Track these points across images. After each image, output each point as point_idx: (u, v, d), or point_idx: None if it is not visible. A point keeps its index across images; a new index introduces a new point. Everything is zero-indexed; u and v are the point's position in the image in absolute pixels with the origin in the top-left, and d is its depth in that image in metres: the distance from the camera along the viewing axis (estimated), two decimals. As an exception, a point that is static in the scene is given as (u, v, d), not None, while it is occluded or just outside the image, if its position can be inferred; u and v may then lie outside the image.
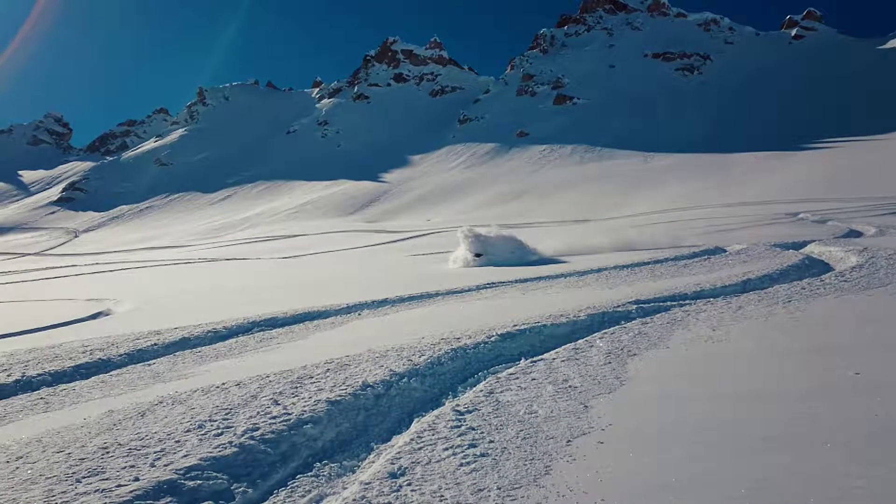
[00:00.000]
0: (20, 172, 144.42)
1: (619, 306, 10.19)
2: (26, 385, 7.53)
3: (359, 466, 4.98)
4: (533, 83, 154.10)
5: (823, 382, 5.74)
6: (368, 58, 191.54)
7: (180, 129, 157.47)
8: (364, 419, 5.99)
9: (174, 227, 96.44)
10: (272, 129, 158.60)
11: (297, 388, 6.57)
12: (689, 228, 30.90)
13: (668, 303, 10.51)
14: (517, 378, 6.62)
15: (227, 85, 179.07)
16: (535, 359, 7.40)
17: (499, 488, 4.08)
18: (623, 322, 9.23)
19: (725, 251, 19.10)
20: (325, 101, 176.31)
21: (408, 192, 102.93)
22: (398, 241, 43.93)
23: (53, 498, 4.24)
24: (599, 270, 15.89)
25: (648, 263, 16.89)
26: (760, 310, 9.43)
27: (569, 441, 4.80)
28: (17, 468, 4.82)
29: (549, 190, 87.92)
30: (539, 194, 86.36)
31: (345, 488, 4.53)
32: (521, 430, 5.08)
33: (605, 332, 8.53)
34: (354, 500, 4.11)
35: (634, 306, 10.17)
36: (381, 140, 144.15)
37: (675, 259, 17.57)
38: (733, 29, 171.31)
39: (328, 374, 7.16)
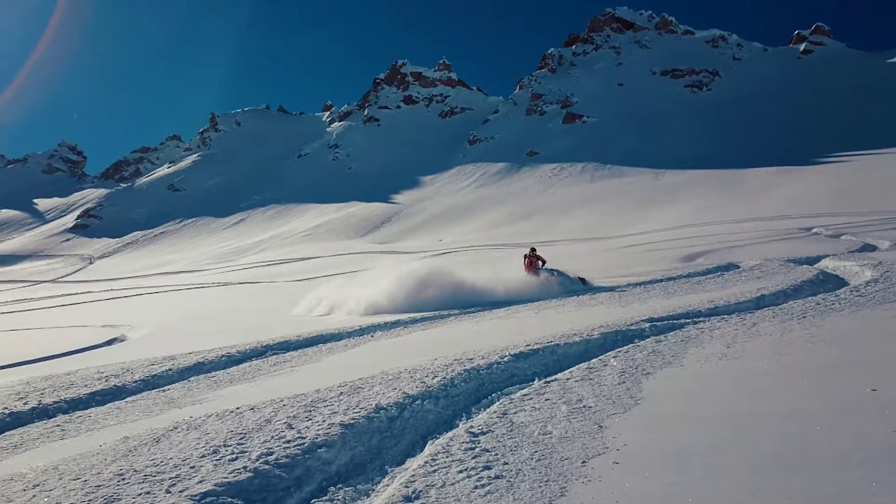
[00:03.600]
0: (35, 201, 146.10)
1: (632, 324, 10.15)
2: (42, 412, 7.57)
3: (373, 490, 4.97)
4: (542, 102, 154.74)
5: (840, 399, 5.68)
6: (378, 81, 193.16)
7: (193, 155, 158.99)
8: (378, 442, 5.98)
9: (188, 252, 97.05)
10: (284, 152, 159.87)
11: (310, 411, 6.57)
12: (703, 245, 30.76)
13: (682, 320, 10.46)
14: (531, 398, 6.60)
15: (239, 110, 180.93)
16: (548, 379, 7.37)
17: (514, 511, 4.06)
18: (637, 340, 9.18)
19: (739, 267, 18.99)
20: (336, 124, 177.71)
21: (419, 213, 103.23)
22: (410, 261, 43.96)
23: (70, 525, 4.25)
24: (612, 289, 15.84)
25: (661, 281, 16.82)
26: (775, 326, 9.35)
27: (584, 462, 4.77)
28: (34, 496, 4.84)
29: (560, 208, 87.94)
30: (550, 213, 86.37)
31: (359, 513, 4.53)
32: (536, 452, 5.05)
33: (619, 351, 8.49)
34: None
35: (648, 324, 10.12)
36: (391, 162, 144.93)
37: (688, 276, 17.49)
38: (741, 45, 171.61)
39: (342, 397, 7.16)
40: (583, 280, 17.33)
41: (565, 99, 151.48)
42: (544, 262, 18.87)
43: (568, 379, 7.26)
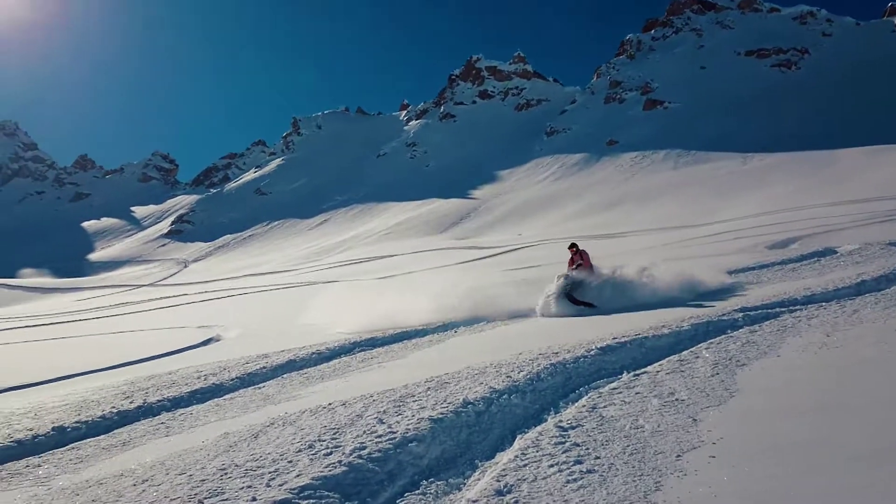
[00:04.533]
0: (133, 208, 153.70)
1: (724, 315, 9.84)
2: (148, 411, 7.95)
3: (465, 484, 5.01)
4: (621, 90, 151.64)
5: (955, 389, 5.36)
6: (453, 77, 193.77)
7: (277, 159, 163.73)
8: (467, 437, 6.02)
9: (276, 253, 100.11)
10: (363, 153, 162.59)
11: (400, 406, 6.67)
12: (796, 230, 29.48)
13: (777, 309, 10.06)
14: (620, 392, 6.50)
15: (320, 113, 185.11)
16: (637, 372, 7.25)
17: (608, 505, 4.02)
18: (729, 331, 8.90)
19: (836, 252, 18.11)
20: (413, 122, 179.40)
21: (497, 208, 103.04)
22: (490, 256, 44.02)
23: (179, 517, 4.47)
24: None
25: (754, 269, 16.23)
26: (878, 313, 8.89)
27: (678, 456, 4.67)
28: (144, 491, 5.10)
29: (641, 198, 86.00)
30: (631, 203, 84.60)
31: (452, 506, 4.57)
32: (628, 446, 4.98)
33: (711, 342, 8.26)
34: (464, 518, 4.15)
35: (741, 314, 9.79)
36: (468, 157, 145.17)
37: (781, 263, 16.81)
38: (831, 20, 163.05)
39: (429, 392, 7.24)
40: (589, 304, 13.40)
41: (645, 85, 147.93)
42: (578, 265, 14.45)
43: (658, 372, 7.11)
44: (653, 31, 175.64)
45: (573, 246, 15.20)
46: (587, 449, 5.01)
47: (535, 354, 8.40)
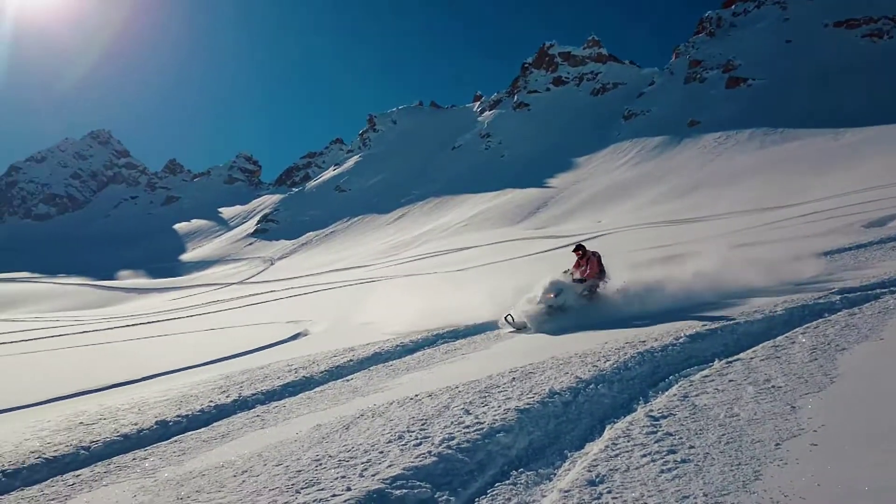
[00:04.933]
0: (220, 210, 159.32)
1: (820, 298, 9.43)
2: (243, 404, 8.23)
3: (555, 474, 4.98)
4: (701, 69, 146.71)
5: None
6: (526, 65, 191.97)
7: (355, 156, 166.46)
8: (555, 427, 5.98)
9: (357, 249, 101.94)
10: (438, 146, 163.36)
11: (485, 397, 6.70)
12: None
13: (878, 290, 9.57)
14: (713, 380, 6.33)
15: (394, 109, 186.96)
16: (730, 359, 7.03)
17: (705, 495, 3.92)
18: (826, 314, 8.52)
19: (942, 229, 17.05)
20: (487, 113, 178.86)
21: (575, 196, 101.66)
22: (568, 245, 43.48)
23: (278, 506, 4.62)
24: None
25: (850, 249, 15.47)
26: None
27: (777, 444, 4.51)
28: (244, 481, 5.30)
29: (726, 179, 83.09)
30: (715, 185, 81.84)
31: (544, 496, 4.56)
32: (724, 435, 4.84)
33: (808, 327, 7.93)
34: (555, 508, 4.13)
35: (838, 297, 9.36)
36: (544, 145, 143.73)
37: (880, 242, 15.95)
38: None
39: (514, 382, 7.24)
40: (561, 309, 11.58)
41: (727, 63, 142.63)
42: (587, 275, 12.44)
43: (752, 358, 6.88)
44: (733, 6, 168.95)
45: (579, 248, 12.99)
46: (680, 438, 4.90)
47: (621, 343, 8.28)
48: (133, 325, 24.80)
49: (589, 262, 12.57)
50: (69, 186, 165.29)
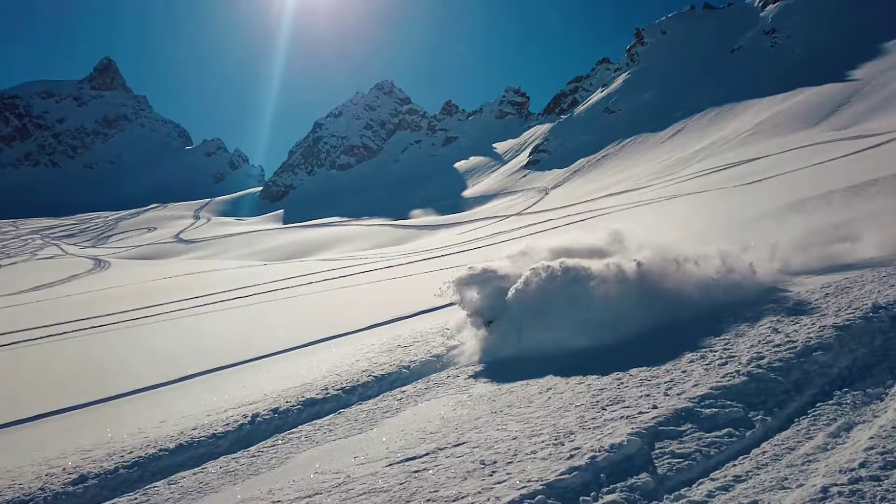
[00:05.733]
0: (494, 145, 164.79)
1: None
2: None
3: (886, 394, 4.54)
4: None
5: None
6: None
7: (623, 74, 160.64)
8: (882, 344, 5.41)
9: (630, 171, 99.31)
10: (715, 51, 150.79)
11: (796, 314, 6.26)
12: None
13: None
14: None
15: (663, 18, 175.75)
16: None
17: None
18: None
19: None
20: (770, 7, 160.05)
21: (885, 87, 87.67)
22: (881, 145, 37.84)
23: (586, 423, 4.82)
24: None
25: None
26: None
27: None
28: (549, 398, 5.59)
29: None
30: None
31: (876, 416, 4.18)
32: None
33: None
34: (894, 426, 3.79)
35: None
36: (842, 32, 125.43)
37: None
38: None
39: (827, 298, 6.67)
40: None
41: None
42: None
43: None
44: None
45: None
46: None
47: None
48: (430, 258, 26.98)
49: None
50: (363, 137, 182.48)
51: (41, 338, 16.43)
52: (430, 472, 4.28)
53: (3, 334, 17.22)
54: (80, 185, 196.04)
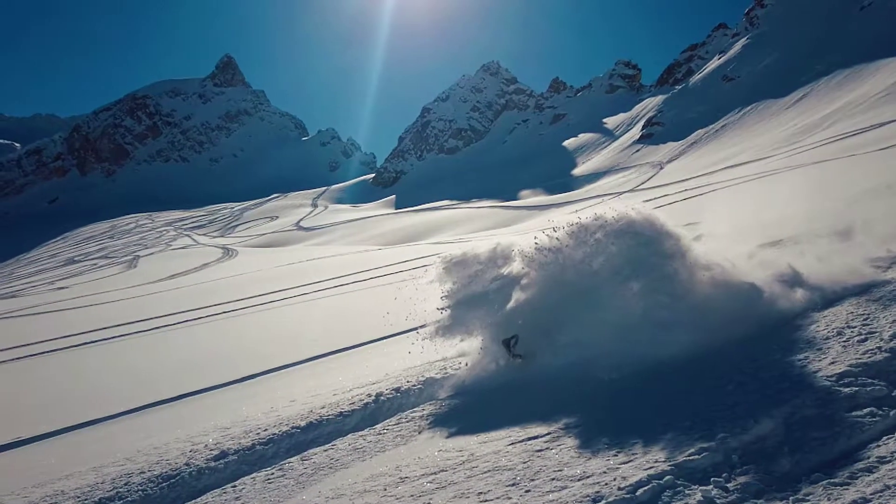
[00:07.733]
0: (604, 120, 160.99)
1: None
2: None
3: None
4: None
5: None
6: None
7: (742, 39, 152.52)
8: None
9: (751, 141, 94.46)
10: (842, 9, 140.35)
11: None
12: None
13: None
14: None
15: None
16: None
17: None
18: None
19: None
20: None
21: None
22: None
23: (715, 405, 4.69)
24: None
25: None
26: None
27: None
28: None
29: None
30: None
31: None
32: None
33: None
34: None
35: None
36: None
37: None
38: None
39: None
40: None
41: None
42: None
43: None
44: None
45: None
46: None
47: None
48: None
49: None
50: (471, 119, 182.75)
51: (177, 323, 17.67)
52: (553, 451, 4.30)
53: (142, 321, 18.66)
54: (207, 179, 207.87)
